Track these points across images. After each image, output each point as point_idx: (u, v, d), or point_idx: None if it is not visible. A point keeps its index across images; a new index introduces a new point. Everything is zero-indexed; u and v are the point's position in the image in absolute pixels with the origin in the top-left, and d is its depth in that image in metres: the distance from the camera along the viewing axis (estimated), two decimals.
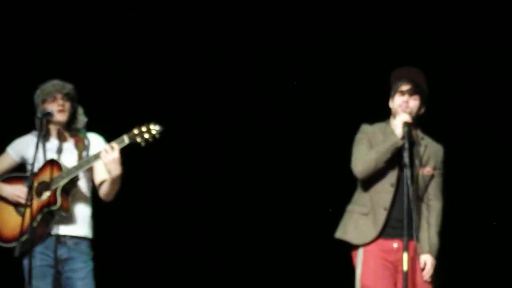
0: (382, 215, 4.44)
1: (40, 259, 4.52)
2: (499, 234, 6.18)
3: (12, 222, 4.58)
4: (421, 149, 4.54)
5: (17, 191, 4.62)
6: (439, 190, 4.58)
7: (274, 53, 6.31)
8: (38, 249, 4.53)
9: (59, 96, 4.66)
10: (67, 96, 4.68)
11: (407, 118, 4.43)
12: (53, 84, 4.69)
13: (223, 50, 6.35)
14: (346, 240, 4.54)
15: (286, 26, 6.32)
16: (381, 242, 4.44)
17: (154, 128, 4.50)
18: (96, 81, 5.16)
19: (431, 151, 4.56)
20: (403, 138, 4.38)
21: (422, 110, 4.56)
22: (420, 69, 4.58)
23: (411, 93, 4.49)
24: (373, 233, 4.44)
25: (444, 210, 4.56)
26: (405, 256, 4.30)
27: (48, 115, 4.56)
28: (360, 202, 4.55)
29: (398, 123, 4.42)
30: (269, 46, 6.33)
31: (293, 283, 6.32)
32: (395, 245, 4.42)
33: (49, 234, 4.56)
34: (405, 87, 4.50)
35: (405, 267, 4.30)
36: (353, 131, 4.62)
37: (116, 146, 4.50)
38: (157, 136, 4.50)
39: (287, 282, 6.32)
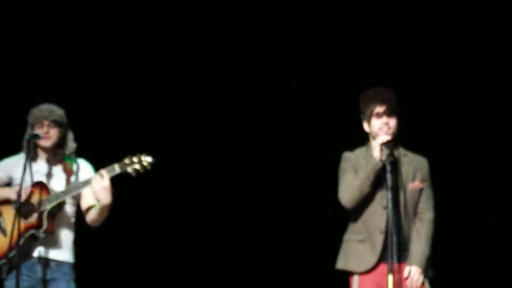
0: (379, 239, 4.41)
1: (24, 280, 4.51)
2: (498, 236, 6.21)
3: None
4: (406, 166, 4.52)
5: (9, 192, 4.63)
6: (429, 202, 4.53)
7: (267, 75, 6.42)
8: (22, 270, 4.50)
9: (45, 122, 4.66)
10: (54, 123, 4.68)
11: (387, 138, 4.42)
12: (40, 110, 4.69)
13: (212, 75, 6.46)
14: (349, 270, 4.50)
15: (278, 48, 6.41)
16: (381, 266, 4.37)
17: (146, 160, 4.51)
18: (88, 107, 5.17)
19: (416, 166, 4.53)
20: (381, 159, 4.37)
21: (398, 128, 4.55)
22: (388, 88, 4.56)
23: (389, 113, 4.47)
24: (373, 258, 4.41)
25: (436, 221, 4.52)
26: (390, 278, 4.24)
27: (35, 137, 4.57)
28: (355, 230, 4.52)
29: (376, 146, 4.41)
30: (266, 63, 6.41)
31: None
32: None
33: (32, 256, 4.57)
34: (380, 108, 4.47)
35: None
36: (335, 159, 4.61)
37: (106, 175, 4.51)
38: (148, 168, 4.51)
39: None
